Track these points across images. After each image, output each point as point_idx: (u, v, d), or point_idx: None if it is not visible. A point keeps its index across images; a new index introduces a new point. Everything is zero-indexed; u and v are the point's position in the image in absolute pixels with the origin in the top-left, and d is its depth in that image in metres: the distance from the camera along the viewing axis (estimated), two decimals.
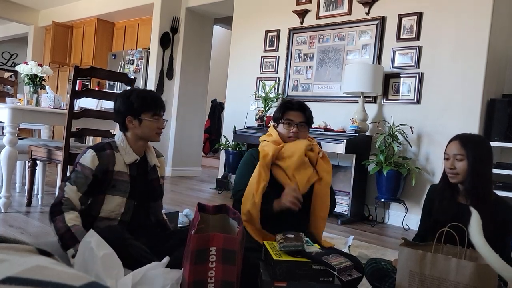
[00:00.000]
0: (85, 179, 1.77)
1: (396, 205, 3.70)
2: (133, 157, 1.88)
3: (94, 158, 1.79)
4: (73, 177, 1.78)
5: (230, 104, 5.21)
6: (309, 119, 2.09)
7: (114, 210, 1.81)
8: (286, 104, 2.10)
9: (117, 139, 1.90)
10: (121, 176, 1.84)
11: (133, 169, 1.89)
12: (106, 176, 1.81)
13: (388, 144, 3.57)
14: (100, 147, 1.85)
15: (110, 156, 1.83)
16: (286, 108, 2.08)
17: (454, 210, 1.69)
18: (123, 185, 1.84)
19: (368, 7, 4.01)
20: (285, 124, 2.05)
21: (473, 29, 3.40)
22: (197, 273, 1.41)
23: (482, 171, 1.66)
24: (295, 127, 2.04)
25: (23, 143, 3.22)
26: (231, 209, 1.73)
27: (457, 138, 1.73)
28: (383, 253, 2.64)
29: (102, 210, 1.80)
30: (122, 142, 1.88)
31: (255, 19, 4.97)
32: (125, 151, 1.87)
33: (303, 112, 2.07)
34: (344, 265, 1.51)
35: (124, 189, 1.84)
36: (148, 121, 1.86)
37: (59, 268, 0.44)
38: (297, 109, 2.07)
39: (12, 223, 2.69)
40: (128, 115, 1.86)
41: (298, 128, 2.05)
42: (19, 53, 10.33)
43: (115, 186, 1.82)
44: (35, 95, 3.31)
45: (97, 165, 1.79)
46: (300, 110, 2.08)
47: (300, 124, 2.05)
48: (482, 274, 1.35)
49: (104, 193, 1.82)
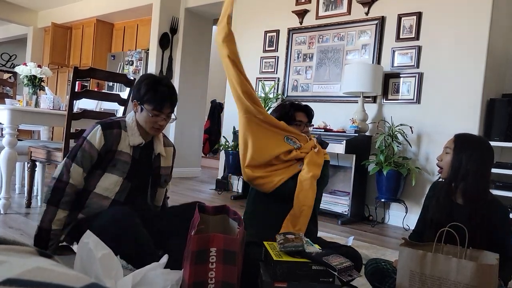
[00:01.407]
0: (90, 159, 1.79)
1: (396, 205, 3.70)
2: (138, 140, 1.87)
3: (101, 138, 1.79)
4: (79, 156, 1.78)
5: (230, 105, 5.20)
6: (312, 118, 2.28)
7: (108, 187, 1.81)
8: (294, 105, 2.24)
9: (128, 118, 1.90)
10: (123, 157, 1.84)
11: (136, 151, 1.89)
12: (108, 155, 1.81)
13: (388, 144, 3.57)
14: (108, 125, 1.84)
15: (116, 136, 1.83)
16: (295, 109, 2.21)
17: (448, 209, 1.69)
18: (123, 165, 1.83)
19: (367, 7, 4.01)
20: (296, 125, 2.19)
21: (473, 28, 3.40)
22: (197, 274, 1.41)
23: (469, 169, 1.63)
24: (305, 127, 2.20)
25: (22, 145, 3.21)
26: (231, 209, 1.73)
27: (455, 134, 1.74)
28: (383, 253, 2.64)
29: (97, 186, 1.80)
30: (132, 122, 1.88)
31: (254, 20, 4.97)
32: (131, 132, 1.87)
33: (308, 112, 2.24)
34: (344, 265, 1.51)
35: (123, 169, 1.83)
36: (146, 112, 1.83)
37: (59, 269, 0.44)
38: (303, 110, 2.24)
39: (12, 224, 2.68)
40: (134, 99, 1.86)
41: (306, 127, 2.22)
42: (18, 54, 10.32)
43: (115, 165, 1.82)
44: (34, 96, 3.31)
45: (103, 145, 1.79)
46: (306, 111, 2.24)
47: (307, 125, 2.23)
48: (483, 273, 1.35)
49: (103, 170, 1.82)
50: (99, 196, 1.80)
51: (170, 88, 1.88)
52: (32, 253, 0.50)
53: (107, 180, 1.81)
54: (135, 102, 1.85)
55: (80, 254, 1.40)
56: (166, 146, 2.05)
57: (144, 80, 1.83)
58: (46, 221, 1.75)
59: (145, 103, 1.82)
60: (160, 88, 1.83)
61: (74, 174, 1.76)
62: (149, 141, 1.95)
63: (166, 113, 1.86)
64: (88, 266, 1.34)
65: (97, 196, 1.80)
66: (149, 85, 1.81)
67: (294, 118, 2.18)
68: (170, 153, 2.10)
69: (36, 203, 3.31)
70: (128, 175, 1.85)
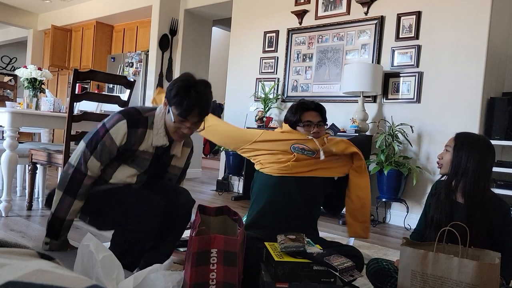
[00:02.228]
0: (109, 154, 1.72)
1: (397, 204, 3.70)
2: (162, 141, 1.76)
3: (125, 136, 1.69)
4: (99, 150, 1.69)
5: (230, 106, 5.21)
6: (325, 117, 2.12)
7: (125, 180, 1.76)
8: (302, 105, 2.10)
9: (158, 112, 1.77)
10: (144, 155, 1.76)
11: (159, 150, 1.81)
12: (127, 152, 1.74)
13: (388, 144, 3.57)
14: (135, 122, 1.71)
15: (140, 136, 1.72)
16: (302, 110, 2.08)
17: (449, 208, 1.69)
18: (143, 162, 1.77)
19: (366, 7, 4.01)
20: (305, 127, 2.06)
21: (472, 27, 3.40)
22: (199, 275, 1.41)
23: (469, 168, 1.63)
24: (315, 127, 2.05)
25: (23, 147, 3.22)
26: (232, 210, 1.73)
27: (455, 133, 1.75)
28: (384, 253, 2.64)
29: (113, 177, 1.75)
30: (160, 120, 1.75)
31: (253, 20, 4.97)
32: (157, 131, 1.74)
33: (319, 111, 2.09)
34: (345, 265, 1.51)
35: (142, 165, 1.77)
36: (171, 116, 1.68)
37: (61, 271, 0.44)
38: (313, 109, 2.09)
39: (13, 227, 2.69)
40: (166, 97, 1.72)
41: (317, 127, 2.06)
42: (19, 57, 10.34)
43: (134, 160, 1.75)
44: (35, 99, 3.31)
45: (124, 143, 1.71)
46: (316, 109, 2.09)
47: (318, 124, 2.07)
48: (484, 272, 1.35)
49: (121, 163, 1.76)
50: None
51: (203, 95, 1.68)
52: (33, 256, 0.50)
53: (125, 172, 1.75)
54: (166, 101, 1.72)
55: (81, 256, 1.40)
56: (185, 146, 1.95)
57: (179, 81, 1.68)
58: (63, 211, 1.70)
59: (172, 105, 1.68)
60: (192, 93, 1.64)
61: (92, 167, 1.70)
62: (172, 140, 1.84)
63: (191, 121, 1.70)
64: (89, 268, 1.34)
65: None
66: (181, 88, 1.65)
67: (302, 119, 2.06)
68: (186, 154, 1.98)
69: (37, 206, 3.31)
70: (146, 170, 1.80)
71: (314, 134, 2.05)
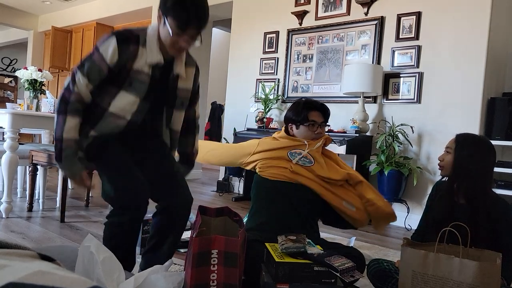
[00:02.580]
0: (99, 73, 1.63)
1: (398, 205, 3.69)
2: (156, 58, 1.66)
3: (115, 53, 1.59)
4: (87, 66, 1.62)
5: (230, 106, 5.21)
6: (327, 119, 2.15)
7: (124, 108, 1.66)
8: (308, 104, 2.10)
9: (151, 29, 1.67)
10: (140, 76, 1.66)
11: (156, 71, 1.69)
12: (122, 72, 1.64)
13: (389, 144, 3.57)
14: (125, 38, 1.62)
15: (132, 53, 1.62)
16: (309, 109, 2.09)
17: (450, 208, 1.69)
18: (140, 85, 1.66)
19: (366, 8, 4.01)
20: (310, 126, 2.08)
21: (472, 27, 3.40)
22: (199, 276, 1.40)
23: (470, 169, 1.64)
24: (318, 128, 2.08)
25: (23, 148, 3.22)
26: (232, 211, 1.73)
27: (456, 134, 1.75)
28: (385, 253, 2.64)
29: (112, 105, 1.65)
30: (154, 36, 1.65)
31: (254, 21, 4.98)
32: (151, 48, 1.64)
33: (323, 112, 2.12)
34: (346, 266, 1.51)
35: (140, 90, 1.67)
36: (168, 28, 1.57)
37: (61, 273, 0.44)
38: (318, 109, 2.10)
39: (14, 228, 2.69)
40: (159, 7, 1.60)
41: (320, 128, 2.09)
42: (19, 59, 10.34)
43: (132, 84, 1.66)
44: (35, 100, 3.32)
45: (116, 61, 1.61)
46: (321, 110, 2.11)
47: (321, 125, 2.10)
48: (485, 273, 1.35)
49: (119, 88, 1.66)
50: (114, 116, 1.66)
51: (201, 5, 1.57)
52: (34, 257, 0.50)
53: (123, 99, 1.66)
54: (160, 12, 1.60)
55: (81, 257, 1.40)
56: (188, 65, 1.82)
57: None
58: (59, 130, 1.63)
59: (168, 16, 1.55)
60: (190, 3, 1.53)
61: (79, 84, 1.62)
62: (170, 59, 1.73)
63: (190, 34, 1.58)
64: (89, 269, 1.34)
65: (113, 116, 1.66)
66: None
67: (307, 118, 2.07)
68: (191, 74, 1.85)
69: (37, 207, 3.31)
70: (146, 96, 1.69)
71: (317, 135, 2.08)
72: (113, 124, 1.67)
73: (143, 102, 1.69)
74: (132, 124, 1.69)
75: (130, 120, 1.68)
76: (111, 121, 1.66)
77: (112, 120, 1.66)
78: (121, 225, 1.63)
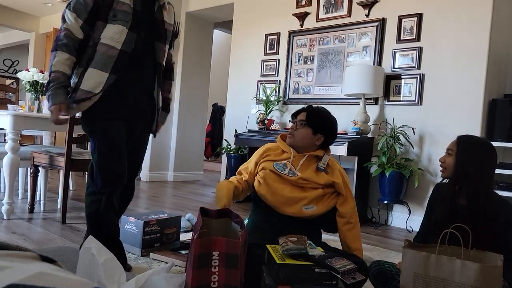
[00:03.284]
0: (85, 6, 1.76)
1: (399, 206, 3.69)
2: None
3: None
4: (73, 3, 1.77)
5: (231, 108, 5.21)
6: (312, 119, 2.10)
7: (113, 37, 1.78)
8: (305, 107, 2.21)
9: None
10: (122, 7, 1.80)
11: (137, 3, 1.84)
12: (106, 4, 1.78)
13: (390, 146, 3.56)
14: None
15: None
16: (301, 110, 2.18)
17: (452, 210, 1.68)
18: (124, 15, 1.80)
19: (367, 9, 4.01)
20: (291, 122, 2.19)
21: (474, 28, 3.40)
22: (200, 278, 1.40)
23: (472, 171, 1.63)
24: (295, 124, 2.13)
25: (25, 150, 3.22)
26: (233, 213, 1.73)
27: (457, 136, 1.74)
28: (386, 255, 2.63)
29: (102, 37, 1.77)
30: None
31: (255, 23, 4.98)
32: None
33: (308, 113, 2.14)
34: (347, 268, 1.51)
35: (125, 19, 1.80)
36: None
37: (62, 274, 0.44)
38: (304, 110, 2.16)
39: (15, 229, 2.69)
40: None
41: (296, 125, 2.12)
42: (21, 60, 10.36)
43: (116, 15, 1.79)
44: (37, 102, 3.32)
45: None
46: (306, 109, 2.16)
47: (300, 123, 2.10)
48: (487, 275, 1.35)
49: (105, 21, 1.79)
50: (105, 46, 1.78)
51: None
52: (35, 259, 0.50)
53: (111, 29, 1.78)
54: None
55: (83, 259, 1.40)
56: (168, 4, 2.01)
57: None
58: (49, 65, 1.77)
59: None
60: None
61: (68, 21, 1.76)
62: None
63: None
64: (91, 271, 1.34)
65: (104, 46, 1.78)
66: None
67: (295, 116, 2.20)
68: (172, 10, 2.06)
69: (39, 208, 3.31)
70: (132, 26, 1.81)
71: (290, 130, 2.14)
72: (106, 56, 1.77)
73: (130, 33, 1.80)
74: (123, 55, 1.79)
75: (121, 50, 1.78)
76: (103, 52, 1.77)
77: (104, 51, 1.77)
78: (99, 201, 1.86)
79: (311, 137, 2.10)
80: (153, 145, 5.61)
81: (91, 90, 1.77)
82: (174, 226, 2.44)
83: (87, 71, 1.77)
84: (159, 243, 2.34)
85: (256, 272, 1.66)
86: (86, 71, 1.78)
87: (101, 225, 1.90)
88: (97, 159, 1.85)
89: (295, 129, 2.12)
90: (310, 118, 2.11)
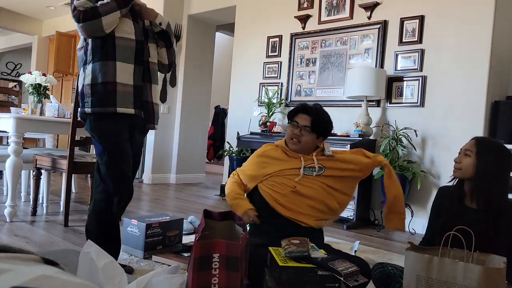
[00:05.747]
0: None
1: None
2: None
3: None
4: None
5: (234, 110, 5.21)
6: (315, 124, 2.05)
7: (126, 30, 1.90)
8: (299, 107, 2.13)
9: None
10: None
11: None
12: None
13: (392, 148, 3.56)
14: None
15: None
16: (301, 111, 2.10)
17: (462, 213, 1.68)
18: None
19: (369, 11, 4.01)
20: (290, 125, 2.09)
21: (476, 31, 3.40)
22: (201, 280, 1.40)
23: (490, 174, 1.63)
24: (298, 130, 2.04)
25: (27, 153, 3.23)
26: (236, 215, 1.73)
27: (475, 137, 1.73)
28: (389, 257, 2.63)
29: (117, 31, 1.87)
30: None
31: (257, 25, 4.99)
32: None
33: (310, 115, 2.06)
34: (350, 270, 1.50)
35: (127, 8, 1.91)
36: None
37: (64, 277, 0.44)
38: (306, 112, 2.07)
39: (17, 232, 2.69)
40: None
41: (301, 131, 2.04)
42: (23, 63, 10.40)
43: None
44: (40, 105, 3.33)
45: None
46: (309, 113, 2.06)
47: (304, 128, 2.04)
48: (490, 277, 1.34)
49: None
50: (123, 39, 1.89)
51: None
52: (37, 261, 0.50)
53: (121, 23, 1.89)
54: None
55: (82, 264, 1.40)
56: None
57: None
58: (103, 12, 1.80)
59: None
60: None
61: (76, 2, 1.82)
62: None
63: None
64: (91, 276, 1.34)
65: (122, 39, 1.89)
66: None
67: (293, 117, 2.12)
68: None
69: (41, 211, 3.32)
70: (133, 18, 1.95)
71: (294, 136, 2.04)
72: (127, 45, 1.90)
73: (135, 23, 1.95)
74: (139, 44, 1.94)
75: (136, 40, 1.92)
76: (124, 44, 1.89)
77: (123, 44, 1.89)
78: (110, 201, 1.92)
79: (315, 141, 2.10)
80: (155, 148, 5.62)
81: (127, 83, 1.88)
82: (177, 229, 2.44)
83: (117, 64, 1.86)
84: (161, 246, 2.35)
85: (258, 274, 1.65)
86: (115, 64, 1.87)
87: (110, 225, 1.94)
88: (107, 161, 1.89)
89: (299, 135, 2.06)
90: (317, 125, 2.06)
